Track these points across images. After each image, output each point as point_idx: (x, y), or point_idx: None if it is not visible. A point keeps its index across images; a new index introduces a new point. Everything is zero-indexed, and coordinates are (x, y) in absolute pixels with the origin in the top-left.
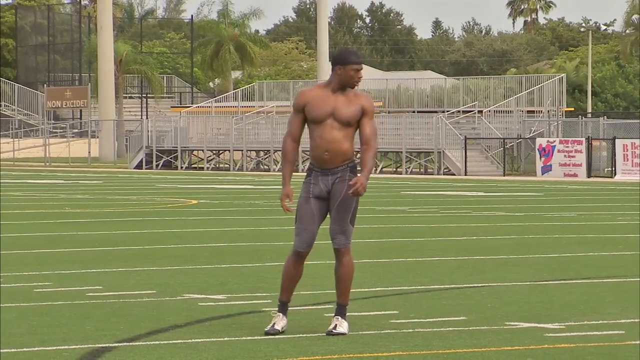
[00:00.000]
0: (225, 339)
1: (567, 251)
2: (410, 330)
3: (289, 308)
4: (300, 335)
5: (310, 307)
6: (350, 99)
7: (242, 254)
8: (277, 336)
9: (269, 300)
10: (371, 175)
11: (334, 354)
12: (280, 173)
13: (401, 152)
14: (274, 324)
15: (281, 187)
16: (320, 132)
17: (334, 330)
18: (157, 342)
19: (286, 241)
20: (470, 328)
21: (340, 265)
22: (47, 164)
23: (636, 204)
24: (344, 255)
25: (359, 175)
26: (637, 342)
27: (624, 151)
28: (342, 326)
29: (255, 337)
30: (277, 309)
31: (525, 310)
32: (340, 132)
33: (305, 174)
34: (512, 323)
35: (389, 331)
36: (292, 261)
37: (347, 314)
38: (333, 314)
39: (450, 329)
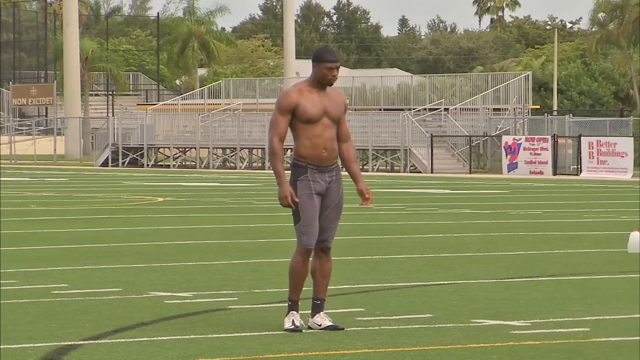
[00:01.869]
0: (192, 336)
1: (532, 248)
2: (377, 328)
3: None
4: (267, 332)
5: (276, 305)
6: (333, 97)
7: (208, 252)
8: (243, 334)
9: (235, 298)
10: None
11: (300, 351)
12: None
13: (368, 149)
14: (293, 321)
15: (277, 185)
16: (317, 131)
17: (336, 324)
18: (122, 340)
19: (252, 239)
20: (436, 325)
21: (327, 262)
22: (13, 161)
23: (602, 202)
24: (329, 252)
25: (359, 182)
26: (602, 339)
27: (589, 149)
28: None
29: (222, 335)
30: (288, 309)
31: (491, 308)
32: (333, 130)
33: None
34: (478, 320)
35: (355, 329)
36: (301, 259)
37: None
38: (313, 311)
39: (417, 326)
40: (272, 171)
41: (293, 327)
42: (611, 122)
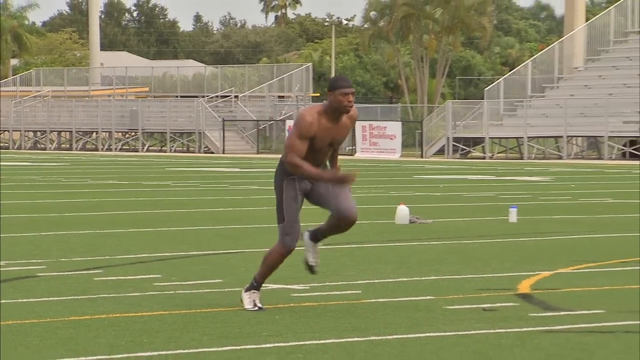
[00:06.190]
0: (2, 301)
1: (314, 220)
2: (172, 292)
3: None
4: (72, 297)
5: (81, 272)
6: (343, 123)
7: (19, 225)
8: (51, 298)
9: (43, 266)
10: (139, 154)
11: (102, 314)
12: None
13: (166, 132)
14: (254, 301)
15: (328, 179)
16: (315, 155)
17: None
18: None
19: (60, 212)
20: (225, 290)
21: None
22: None
23: (373, 179)
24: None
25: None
26: (372, 300)
27: (363, 132)
28: None
29: (30, 300)
30: (251, 287)
31: (274, 273)
32: (328, 154)
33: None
34: (263, 285)
35: (152, 293)
36: (280, 256)
37: (113, 277)
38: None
39: (208, 290)
40: (79, 152)
41: (254, 307)
42: (382, 108)
